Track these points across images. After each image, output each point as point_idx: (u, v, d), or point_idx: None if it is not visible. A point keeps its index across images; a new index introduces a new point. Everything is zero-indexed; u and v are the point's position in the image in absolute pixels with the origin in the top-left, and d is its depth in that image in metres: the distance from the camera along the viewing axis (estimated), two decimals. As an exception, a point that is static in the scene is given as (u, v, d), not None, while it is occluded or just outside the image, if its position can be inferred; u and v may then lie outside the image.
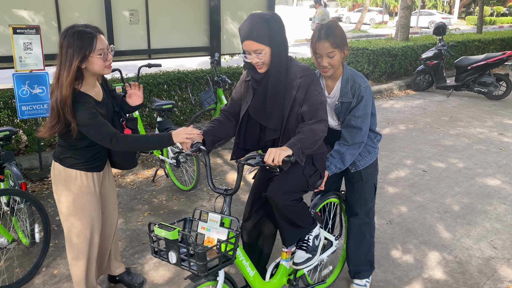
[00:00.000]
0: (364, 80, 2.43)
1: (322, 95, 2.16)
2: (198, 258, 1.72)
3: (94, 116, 2.12)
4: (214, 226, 1.94)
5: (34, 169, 4.79)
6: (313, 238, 2.41)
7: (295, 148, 2.02)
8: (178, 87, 6.08)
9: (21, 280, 2.84)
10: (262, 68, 2.14)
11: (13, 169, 3.07)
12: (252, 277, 2.20)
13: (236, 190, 2.00)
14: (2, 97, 4.74)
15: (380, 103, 8.35)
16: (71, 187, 2.30)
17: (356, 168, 2.59)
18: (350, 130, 2.44)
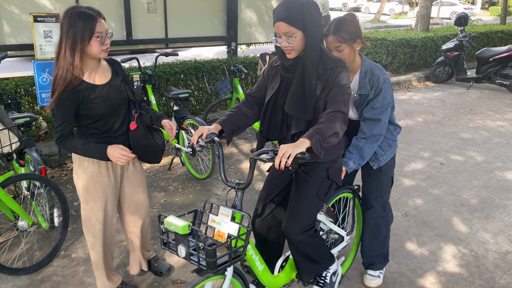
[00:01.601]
0: (383, 72, 2.40)
1: (347, 87, 2.07)
2: (207, 255, 1.69)
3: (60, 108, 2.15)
4: (225, 220, 1.91)
5: (53, 155, 4.89)
6: (330, 275, 2.39)
7: (314, 140, 1.88)
8: (194, 76, 6.10)
9: (41, 263, 2.92)
10: (291, 54, 2.06)
11: (33, 155, 3.14)
12: (261, 272, 2.19)
13: (247, 185, 1.97)
14: (23, 84, 4.83)
15: (398, 94, 8.24)
16: (84, 172, 2.33)
17: (379, 163, 2.56)
18: (368, 122, 2.41)
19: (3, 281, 2.77)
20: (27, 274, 2.84)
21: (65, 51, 2.09)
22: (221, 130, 2.20)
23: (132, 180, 2.52)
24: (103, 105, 2.22)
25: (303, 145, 1.86)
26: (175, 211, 3.73)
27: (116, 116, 2.32)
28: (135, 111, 2.39)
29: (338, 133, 1.97)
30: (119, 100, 2.31)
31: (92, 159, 2.31)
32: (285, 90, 2.19)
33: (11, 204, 2.79)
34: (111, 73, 2.34)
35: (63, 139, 2.21)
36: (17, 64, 10.11)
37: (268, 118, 2.25)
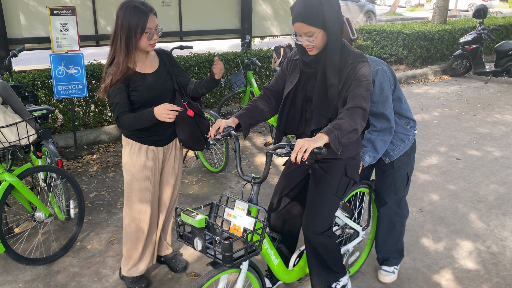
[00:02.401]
0: (376, 64, 2.37)
1: (368, 83, 2.00)
2: (224, 249, 1.69)
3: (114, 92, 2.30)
4: (241, 214, 1.90)
5: (70, 147, 4.95)
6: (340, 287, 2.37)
7: (332, 135, 1.84)
8: (208, 69, 6.10)
9: (57, 253, 2.96)
10: (313, 51, 2.02)
11: (50, 147, 3.18)
12: (276, 266, 2.18)
13: (263, 179, 1.96)
14: (40, 77, 4.89)
15: (414, 88, 8.12)
16: (125, 153, 2.49)
17: (390, 158, 2.52)
18: (375, 116, 2.39)
19: (20, 271, 2.82)
20: (44, 264, 2.89)
21: (120, 43, 2.24)
22: (238, 124, 2.19)
23: (170, 172, 2.60)
24: (146, 93, 2.35)
25: (321, 140, 1.82)
26: (189, 204, 3.74)
27: (161, 103, 2.39)
28: (184, 99, 2.48)
29: (357, 129, 1.92)
30: (163, 89, 2.42)
31: (134, 144, 2.44)
32: (304, 84, 2.15)
33: (29, 196, 2.83)
34: (158, 63, 2.44)
35: (120, 118, 2.32)
36: (33, 57, 10.23)
37: (287, 112, 2.22)
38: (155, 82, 2.39)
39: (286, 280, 2.27)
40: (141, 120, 2.29)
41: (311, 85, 2.13)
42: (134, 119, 2.30)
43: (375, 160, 2.43)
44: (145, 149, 2.45)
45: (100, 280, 2.76)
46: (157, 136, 2.47)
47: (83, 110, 5.22)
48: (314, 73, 2.09)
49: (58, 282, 2.73)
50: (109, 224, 3.42)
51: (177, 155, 2.61)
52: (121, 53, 2.26)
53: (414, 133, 2.56)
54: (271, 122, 4.84)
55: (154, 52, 2.47)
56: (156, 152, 2.49)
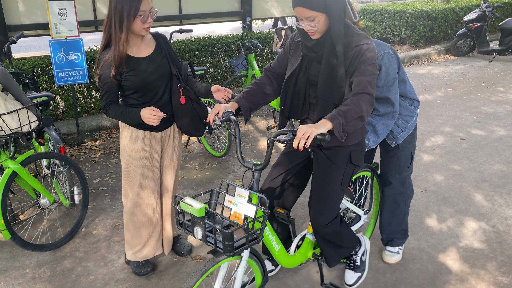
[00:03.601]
0: (382, 48, 2.31)
1: (373, 66, 1.93)
2: (224, 238, 1.66)
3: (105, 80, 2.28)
4: (242, 202, 1.86)
5: (72, 134, 4.94)
6: (360, 257, 2.38)
7: (336, 122, 1.78)
8: (209, 53, 6.04)
9: (63, 239, 2.98)
10: (315, 35, 1.96)
11: (52, 134, 3.17)
12: (278, 252, 2.16)
13: (264, 166, 1.90)
14: (40, 64, 4.85)
15: (417, 68, 8.04)
16: (122, 138, 2.48)
17: (397, 141, 2.50)
18: (378, 101, 2.36)
19: (27, 257, 2.84)
20: (50, 250, 2.91)
21: (115, 26, 2.19)
22: (238, 108, 2.13)
23: (169, 157, 2.58)
24: (139, 78, 2.31)
25: (324, 126, 1.76)
26: (193, 188, 3.75)
27: (156, 89, 2.38)
28: (179, 85, 2.44)
29: (363, 116, 1.85)
30: (157, 74, 2.37)
31: (131, 129, 2.42)
32: (307, 68, 2.10)
33: (32, 182, 2.83)
34: (154, 47, 2.40)
35: (107, 107, 2.33)
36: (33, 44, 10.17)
37: (290, 97, 2.16)
38: (149, 66, 2.34)
39: (288, 265, 2.26)
40: (127, 117, 2.31)
41: (314, 69, 2.07)
42: (121, 114, 2.31)
43: (375, 144, 2.40)
44: (142, 134, 2.43)
45: (106, 265, 2.78)
46: None
47: (84, 96, 5.20)
48: (317, 57, 2.03)
49: (65, 267, 2.75)
50: (114, 209, 3.43)
51: (176, 140, 2.59)
52: (116, 37, 2.21)
53: (417, 113, 2.54)
54: (273, 105, 4.81)
55: (151, 36, 2.43)
56: (153, 138, 2.46)
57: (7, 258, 2.84)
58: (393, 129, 2.50)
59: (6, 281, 2.62)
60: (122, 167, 2.52)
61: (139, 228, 2.59)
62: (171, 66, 2.43)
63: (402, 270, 2.68)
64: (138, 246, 2.62)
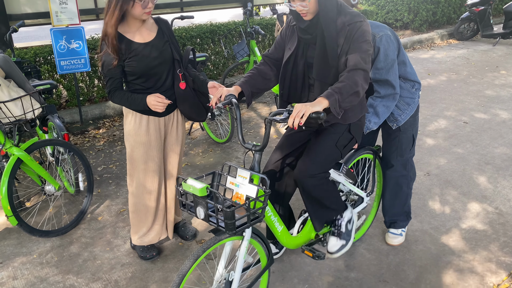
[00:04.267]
0: (380, 29, 2.30)
1: (367, 43, 1.95)
2: (226, 217, 1.68)
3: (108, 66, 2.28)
4: (243, 183, 1.89)
5: (75, 123, 4.96)
6: (345, 223, 2.30)
7: (332, 99, 1.80)
8: (210, 40, 6.02)
9: (69, 225, 3.01)
10: (307, 16, 1.97)
11: (56, 121, 3.19)
12: (280, 233, 2.17)
13: (264, 147, 1.92)
14: (42, 52, 4.85)
15: (420, 53, 7.99)
16: (126, 123, 2.49)
17: (398, 123, 2.50)
18: (379, 83, 2.35)
19: (34, 243, 2.88)
20: (57, 236, 2.94)
21: (114, 9, 2.19)
22: (241, 92, 2.14)
23: (173, 142, 2.59)
24: (142, 63, 2.31)
25: (320, 104, 1.78)
26: (196, 174, 3.77)
27: (158, 74, 2.38)
28: (179, 70, 2.44)
29: (358, 92, 1.87)
30: (160, 59, 2.37)
31: (135, 114, 2.43)
32: (304, 51, 2.10)
33: (38, 169, 2.86)
34: (156, 32, 2.39)
35: (111, 94, 2.35)
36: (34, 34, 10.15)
37: (288, 81, 2.17)
38: (151, 51, 2.34)
39: (290, 246, 2.27)
40: (133, 103, 2.33)
41: (312, 51, 2.08)
42: (127, 100, 2.34)
43: (376, 126, 2.40)
44: (146, 119, 2.44)
45: (112, 249, 2.81)
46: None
47: (86, 85, 5.21)
48: (312, 39, 2.03)
49: (72, 252, 2.79)
50: (118, 196, 3.46)
51: (179, 125, 2.60)
52: (112, 19, 2.20)
53: (419, 95, 2.54)
54: (275, 92, 4.80)
55: (153, 21, 2.42)
56: (157, 122, 2.47)
57: (14, 244, 2.88)
58: (394, 111, 2.50)
59: (14, 267, 2.66)
60: (126, 151, 2.54)
61: (144, 213, 2.61)
62: (173, 51, 2.43)
63: (405, 252, 2.70)
64: (143, 230, 2.65)
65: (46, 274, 2.60)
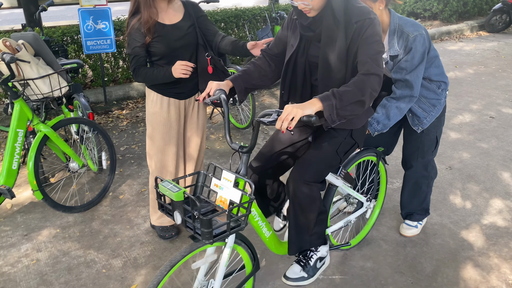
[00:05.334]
0: (415, 29, 2.16)
1: (378, 43, 1.74)
2: (202, 225, 1.55)
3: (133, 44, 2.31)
4: (227, 186, 1.74)
5: (100, 102, 5.04)
6: (316, 259, 2.11)
7: (327, 104, 1.61)
8: (235, 24, 6.00)
9: (91, 202, 3.09)
10: (311, 13, 1.78)
11: (82, 100, 3.25)
12: (268, 238, 2.03)
13: (251, 148, 1.77)
14: (69, 32, 4.93)
15: (447, 45, 7.80)
16: (147, 104, 2.52)
17: (423, 126, 2.40)
18: (398, 83, 2.24)
19: (57, 218, 2.97)
20: (79, 212, 3.02)
21: None
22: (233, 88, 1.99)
23: (193, 126, 2.61)
24: (165, 44, 2.33)
25: (312, 107, 1.61)
26: (216, 158, 3.80)
27: (181, 56, 2.39)
28: (207, 54, 2.44)
29: (363, 101, 1.67)
30: (183, 41, 2.37)
31: (156, 95, 2.46)
32: (305, 48, 1.91)
33: (63, 146, 2.93)
34: (183, 14, 2.40)
35: (136, 71, 2.37)
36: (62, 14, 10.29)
37: (289, 80, 1.99)
38: (176, 33, 2.34)
39: (279, 252, 2.13)
40: (159, 76, 2.33)
41: (314, 49, 1.90)
42: (152, 74, 2.34)
43: (385, 128, 2.29)
44: (167, 101, 2.46)
45: (132, 228, 2.88)
46: (178, 89, 2.46)
47: (111, 66, 5.27)
48: (315, 36, 1.84)
49: (93, 228, 2.86)
50: (140, 176, 3.52)
51: (200, 109, 2.61)
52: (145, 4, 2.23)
53: (445, 95, 2.42)
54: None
55: (180, 3, 2.43)
56: (177, 105, 2.49)
57: (39, 218, 2.97)
58: (419, 113, 2.39)
59: (38, 240, 2.76)
60: (147, 131, 2.58)
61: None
62: (198, 35, 2.43)
63: (423, 244, 2.68)
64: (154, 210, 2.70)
65: (68, 248, 2.68)
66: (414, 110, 2.41)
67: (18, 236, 2.79)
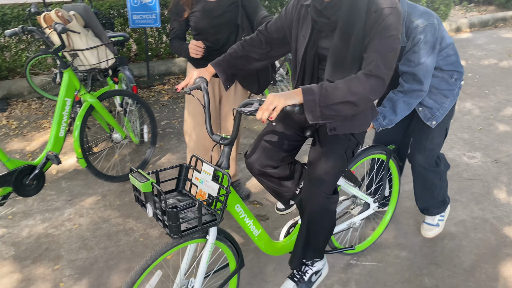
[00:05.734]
0: (425, 18, 1.95)
1: (394, 39, 1.49)
2: (169, 218, 1.46)
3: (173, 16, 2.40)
4: (207, 179, 1.65)
5: (142, 77, 5.14)
6: (311, 273, 1.99)
7: (309, 99, 1.45)
8: (279, 3, 5.91)
9: (132, 173, 3.18)
10: None
11: (126, 73, 3.32)
12: (257, 237, 1.89)
13: (232, 140, 1.66)
14: (116, 5, 5.01)
15: (502, 32, 7.38)
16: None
17: (437, 119, 2.20)
18: (405, 76, 2.05)
19: (99, 186, 3.08)
20: (120, 182, 3.12)
21: None
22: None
23: (229, 102, 2.61)
24: (201, 20, 2.35)
25: (295, 98, 1.46)
26: (252, 138, 3.81)
27: (218, 34, 2.39)
28: (244, 35, 2.43)
29: (354, 103, 1.46)
30: (221, 20, 2.36)
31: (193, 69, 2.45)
32: (315, 39, 1.68)
33: (107, 117, 3.01)
34: None
35: (171, 42, 2.49)
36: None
37: (301, 74, 1.78)
38: (213, 10, 2.32)
39: (270, 252, 1.98)
40: (182, 51, 2.41)
41: (325, 41, 1.67)
42: (179, 47, 2.43)
43: (391, 124, 2.10)
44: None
45: (169, 200, 2.95)
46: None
47: (155, 41, 5.34)
48: (329, 25, 1.61)
49: (132, 198, 2.95)
50: (179, 150, 3.59)
51: (237, 89, 2.58)
52: None
53: (460, 86, 2.20)
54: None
55: None
56: (213, 81, 2.50)
57: (81, 185, 3.10)
58: (432, 106, 2.20)
59: (80, 205, 2.87)
60: (185, 108, 2.62)
61: None
62: (240, 14, 2.39)
63: (462, 238, 2.61)
64: None
65: (108, 215, 2.78)
66: (425, 102, 2.22)
67: (62, 201, 2.92)
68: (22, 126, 4.07)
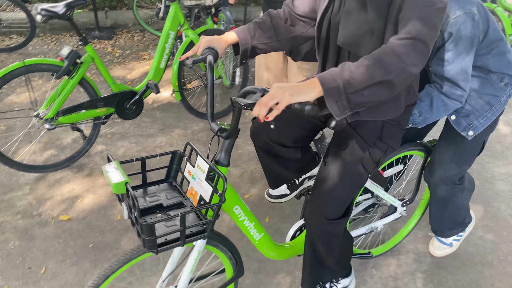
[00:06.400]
0: (460, 5, 1.50)
1: None
2: (143, 231, 1.17)
3: None
4: (200, 177, 1.33)
5: (239, 21, 5.16)
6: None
7: (330, 87, 1.07)
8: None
9: (220, 113, 3.29)
10: None
11: (227, 14, 3.34)
12: (258, 241, 1.62)
13: (231, 133, 1.32)
14: None
15: None
16: None
17: (475, 130, 1.75)
18: (441, 79, 1.63)
19: (190, 120, 3.23)
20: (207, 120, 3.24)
21: None
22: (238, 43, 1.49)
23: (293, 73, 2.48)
24: None
25: (309, 93, 1.08)
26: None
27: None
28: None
29: (390, 83, 1.09)
30: None
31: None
32: (341, 3, 1.37)
33: (205, 55, 3.09)
34: None
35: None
36: None
37: (323, 49, 1.46)
38: None
39: (272, 257, 1.70)
40: None
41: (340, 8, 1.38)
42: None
43: (423, 123, 1.70)
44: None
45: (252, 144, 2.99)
46: None
47: (256, -14, 5.29)
48: None
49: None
50: (266, 98, 3.62)
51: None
52: None
53: (509, 93, 1.74)
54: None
55: None
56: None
57: (174, 117, 3.26)
58: (470, 114, 1.75)
59: (171, 136, 3.04)
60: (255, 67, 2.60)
61: None
62: None
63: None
64: None
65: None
66: (461, 108, 1.75)
67: (155, 129, 3.11)
68: (124, 55, 4.33)
